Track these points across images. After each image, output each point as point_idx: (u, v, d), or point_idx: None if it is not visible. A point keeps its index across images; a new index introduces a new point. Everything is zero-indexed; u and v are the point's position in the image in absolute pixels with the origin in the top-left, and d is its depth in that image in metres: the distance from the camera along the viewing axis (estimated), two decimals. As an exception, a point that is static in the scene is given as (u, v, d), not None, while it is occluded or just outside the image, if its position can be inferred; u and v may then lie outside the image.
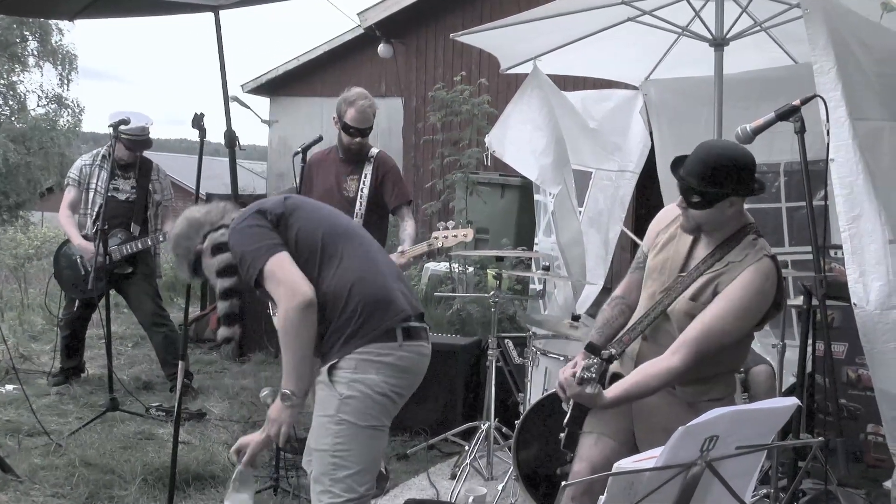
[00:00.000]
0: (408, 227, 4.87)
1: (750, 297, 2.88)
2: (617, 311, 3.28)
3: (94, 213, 6.06)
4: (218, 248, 3.07)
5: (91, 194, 6.12)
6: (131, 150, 6.04)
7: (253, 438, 3.04)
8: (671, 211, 3.23)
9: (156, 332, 6.22)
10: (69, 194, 6.19)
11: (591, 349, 2.98)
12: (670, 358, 2.90)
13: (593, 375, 2.90)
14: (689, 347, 2.88)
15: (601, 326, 3.28)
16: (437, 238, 4.76)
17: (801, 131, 3.13)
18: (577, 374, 2.93)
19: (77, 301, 6.16)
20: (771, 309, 2.96)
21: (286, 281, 2.85)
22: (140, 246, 5.99)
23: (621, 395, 2.95)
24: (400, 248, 4.72)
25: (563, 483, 1.81)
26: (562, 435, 3.16)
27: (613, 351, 3.01)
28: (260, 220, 2.97)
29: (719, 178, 2.88)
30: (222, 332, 3.13)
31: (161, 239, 5.96)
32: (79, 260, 6.11)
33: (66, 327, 6.28)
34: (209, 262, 3.10)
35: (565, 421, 3.11)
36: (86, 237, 6.05)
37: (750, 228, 3.02)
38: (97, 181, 6.10)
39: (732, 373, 3.15)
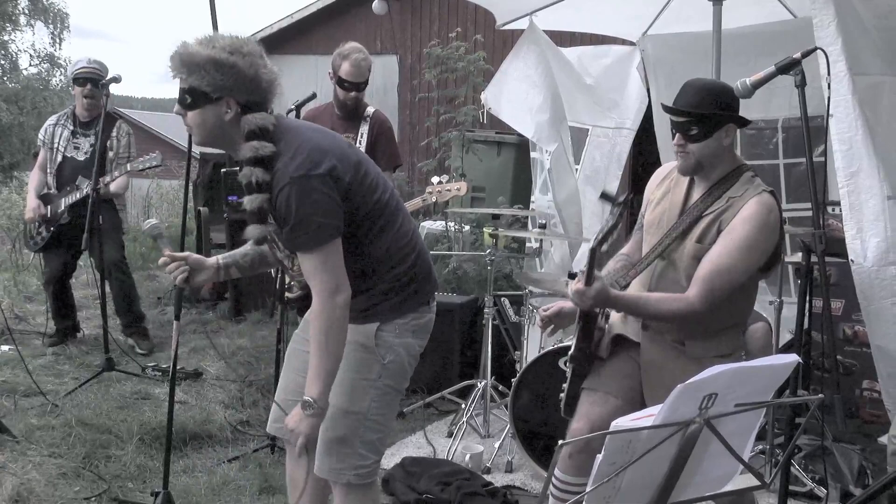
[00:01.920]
0: None
1: (755, 229, 2.88)
2: (619, 266, 3.27)
3: (55, 171, 6.13)
4: (259, 161, 2.62)
5: (54, 153, 6.15)
6: (84, 84, 6.01)
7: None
8: (664, 169, 3.26)
9: (115, 278, 6.21)
10: (39, 156, 6.27)
11: (605, 197, 2.93)
12: (689, 291, 2.90)
13: (611, 222, 2.84)
14: (701, 285, 2.88)
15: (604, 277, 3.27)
16: (430, 193, 4.74)
17: (801, 84, 3.09)
18: (592, 242, 2.83)
19: (51, 260, 6.25)
20: (773, 254, 2.96)
21: (335, 272, 2.63)
22: (77, 196, 5.94)
23: (632, 303, 2.95)
24: None
25: (560, 442, 1.79)
26: (562, 395, 3.14)
27: (629, 194, 3.02)
28: (331, 190, 2.62)
29: (713, 101, 2.92)
30: (252, 230, 2.72)
31: (100, 186, 5.79)
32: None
33: (47, 285, 6.34)
34: (243, 146, 2.65)
35: (567, 377, 3.10)
36: (46, 196, 6.12)
37: (745, 167, 3.04)
38: (59, 140, 6.13)
39: (738, 327, 3.14)
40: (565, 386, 3.14)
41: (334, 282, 2.63)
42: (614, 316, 3.22)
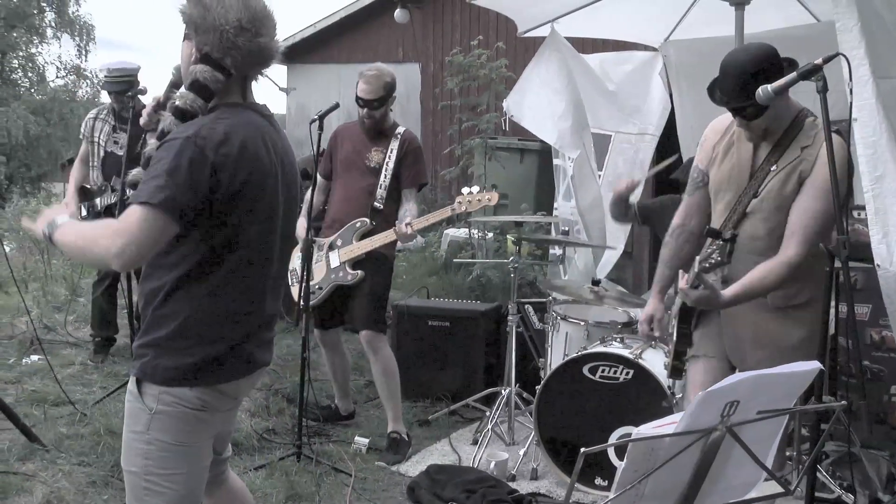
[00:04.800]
0: (412, 208, 4.84)
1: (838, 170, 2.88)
2: (682, 241, 3.28)
3: (100, 165, 6.09)
4: (180, 113, 2.44)
5: (95, 147, 6.12)
6: (117, 95, 5.99)
7: None
8: (722, 121, 3.24)
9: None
10: (81, 149, 6.25)
11: (712, 233, 2.88)
12: (784, 251, 2.94)
13: (719, 259, 2.81)
14: (798, 236, 2.92)
15: (668, 260, 3.30)
16: (460, 203, 4.74)
17: (823, 91, 3.07)
18: (695, 271, 2.84)
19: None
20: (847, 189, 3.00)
21: (139, 238, 2.28)
22: (113, 199, 5.92)
23: (741, 293, 2.95)
24: (406, 221, 4.66)
25: (582, 450, 1.80)
26: (666, 361, 3.19)
27: (734, 231, 2.93)
28: (201, 171, 2.32)
29: (759, 82, 2.90)
30: (138, 173, 2.50)
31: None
32: (85, 207, 6.14)
33: (99, 283, 6.27)
34: (182, 92, 2.46)
35: (670, 348, 3.15)
36: (89, 190, 6.10)
37: (805, 113, 3.06)
38: (99, 134, 6.10)
39: (819, 272, 3.07)
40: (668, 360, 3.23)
41: (127, 245, 2.24)
42: None
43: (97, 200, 6.04)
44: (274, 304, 2.63)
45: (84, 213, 6.08)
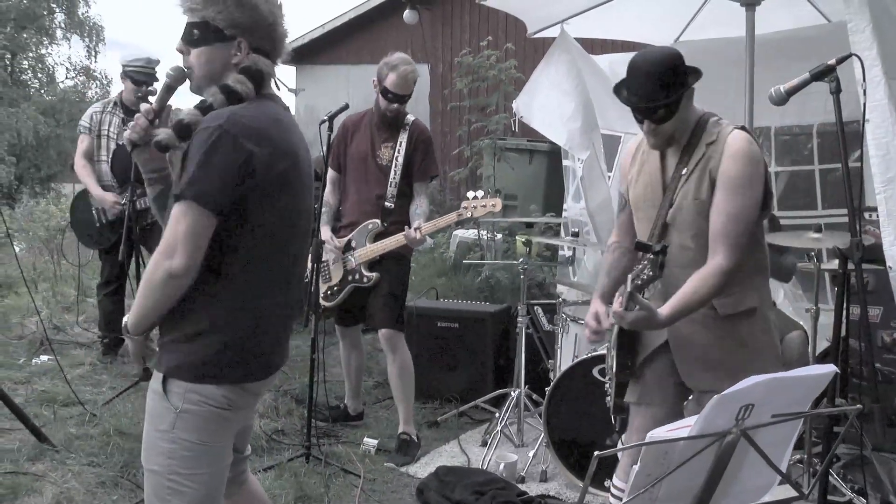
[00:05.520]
0: (422, 203, 4.85)
1: (746, 164, 2.84)
2: (618, 254, 3.23)
3: (110, 159, 5.99)
4: (228, 92, 2.43)
5: (104, 140, 6.04)
6: (138, 84, 5.94)
7: None
8: (632, 145, 3.22)
9: None
10: (82, 143, 6.08)
11: (641, 247, 2.76)
12: (712, 259, 2.85)
13: (650, 273, 2.70)
14: (723, 241, 2.83)
15: (609, 270, 3.23)
16: (465, 209, 4.74)
17: (836, 91, 3.06)
18: (627, 290, 2.73)
19: (109, 267, 6.11)
20: (765, 188, 2.91)
21: (185, 237, 2.30)
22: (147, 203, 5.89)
23: (677, 308, 2.84)
24: (415, 225, 4.68)
25: (595, 453, 1.78)
26: (608, 399, 3.13)
27: (664, 243, 2.80)
28: (238, 165, 2.33)
29: (673, 80, 2.87)
30: (167, 135, 2.41)
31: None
32: (95, 211, 6.05)
33: (104, 286, 6.22)
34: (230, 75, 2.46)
35: (609, 376, 3.08)
36: (104, 187, 5.99)
37: (707, 115, 2.99)
38: (108, 127, 6.02)
39: (762, 275, 3.05)
40: (609, 394, 3.13)
41: (171, 246, 2.27)
42: None
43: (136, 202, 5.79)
44: (294, 299, 2.64)
45: (107, 232, 6.00)
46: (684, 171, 2.94)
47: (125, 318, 2.47)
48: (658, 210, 3.00)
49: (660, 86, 2.87)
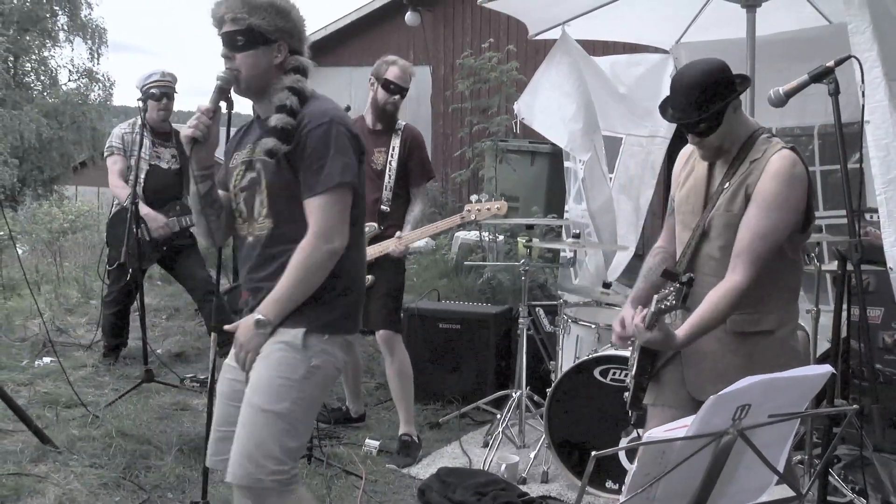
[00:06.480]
0: (416, 208, 4.89)
1: (784, 184, 2.81)
2: (659, 259, 3.23)
3: (143, 181, 5.91)
4: (296, 91, 2.81)
5: (140, 162, 5.91)
6: (158, 100, 5.91)
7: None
8: (687, 150, 3.21)
9: (209, 300, 5.97)
10: (116, 164, 5.99)
11: (668, 275, 2.79)
12: (730, 276, 2.83)
13: (673, 303, 2.71)
14: (744, 257, 2.81)
15: (645, 274, 3.24)
16: (469, 211, 4.76)
17: (835, 93, 3.07)
18: (651, 311, 2.78)
19: (127, 275, 5.95)
20: (807, 211, 2.88)
21: (337, 219, 2.74)
22: (189, 222, 5.88)
23: (694, 329, 2.83)
24: (398, 234, 4.73)
25: (593, 453, 1.79)
26: (626, 394, 3.14)
27: (691, 274, 2.79)
28: (354, 147, 2.81)
29: (710, 96, 2.85)
30: (271, 141, 2.74)
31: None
32: (143, 228, 5.85)
33: (112, 304, 6.14)
34: (284, 78, 2.83)
35: (630, 375, 3.09)
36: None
37: (761, 130, 2.98)
38: (140, 149, 5.87)
39: (786, 299, 3.02)
40: (629, 388, 3.15)
41: (331, 229, 2.72)
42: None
43: (175, 220, 5.93)
44: None
45: (149, 249, 5.92)
46: (727, 184, 2.93)
47: (252, 316, 2.77)
48: (698, 220, 3.01)
49: (696, 101, 2.87)
